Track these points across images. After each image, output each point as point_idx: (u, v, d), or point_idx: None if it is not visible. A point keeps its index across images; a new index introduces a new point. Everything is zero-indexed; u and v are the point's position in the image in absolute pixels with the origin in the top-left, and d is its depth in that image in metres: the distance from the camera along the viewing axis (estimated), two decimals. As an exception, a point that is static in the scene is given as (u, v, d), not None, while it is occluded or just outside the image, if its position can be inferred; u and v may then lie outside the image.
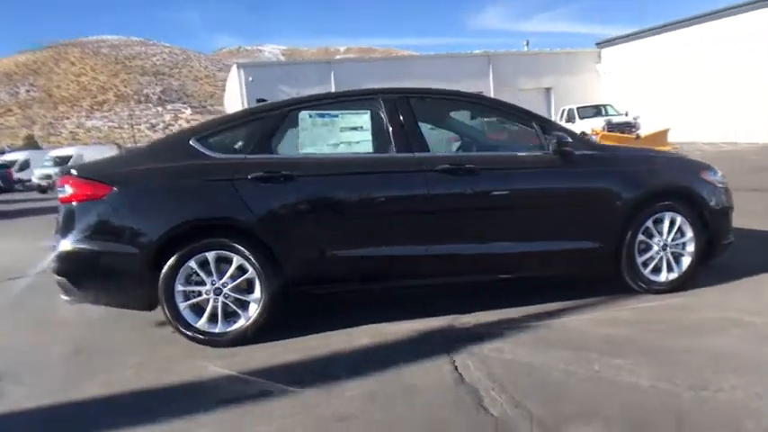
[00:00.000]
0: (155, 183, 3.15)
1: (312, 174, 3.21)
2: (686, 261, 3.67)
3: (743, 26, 19.48)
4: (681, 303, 3.47)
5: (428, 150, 3.34)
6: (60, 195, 3.24)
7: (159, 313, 3.28)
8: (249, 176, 3.12)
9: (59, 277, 3.21)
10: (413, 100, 3.44)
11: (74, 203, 3.15)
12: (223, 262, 3.12)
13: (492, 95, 25.44)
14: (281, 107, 3.39)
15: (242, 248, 3.07)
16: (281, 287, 3.15)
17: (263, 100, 3.99)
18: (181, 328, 3.11)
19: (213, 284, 3.10)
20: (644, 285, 3.60)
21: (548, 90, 26.91)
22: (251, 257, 3.08)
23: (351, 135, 3.31)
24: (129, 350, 3.26)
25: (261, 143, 3.26)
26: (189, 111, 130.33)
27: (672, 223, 3.61)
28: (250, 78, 23.08)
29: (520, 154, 3.53)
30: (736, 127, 19.37)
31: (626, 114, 19.21)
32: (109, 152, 29.26)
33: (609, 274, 3.64)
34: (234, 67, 25.25)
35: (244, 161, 3.19)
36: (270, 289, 3.11)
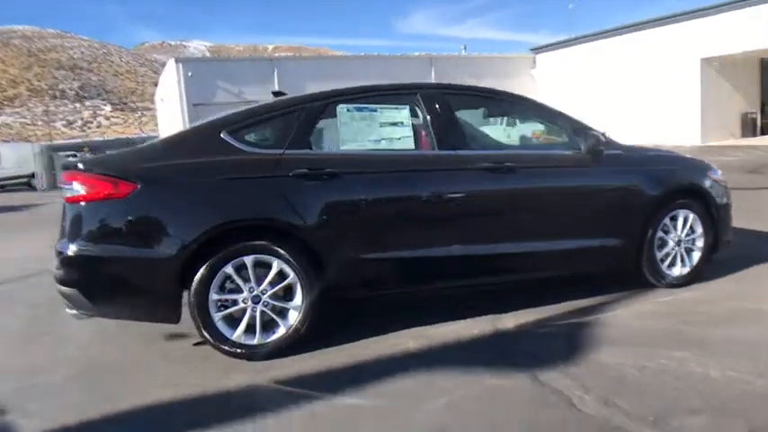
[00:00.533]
0: (186, 180, 2.84)
1: (356, 171, 3.03)
2: (696, 256, 3.83)
3: (669, 37, 20.86)
4: (700, 296, 3.60)
5: (469, 148, 3.26)
6: (67, 194, 2.86)
7: (163, 325, 2.99)
8: (291, 173, 2.89)
9: (67, 288, 2.83)
10: (450, 96, 3.34)
11: (85, 203, 2.79)
12: (260, 267, 2.88)
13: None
14: (318, 99, 3.17)
15: (283, 252, 2.85)
16: (321, 292, 2.95)
17: (281, 93, 3.73)
18: (216, 342, 2.83)
19: (251, 292, 2.85)
20: (662, 280, 3.71)
21: (487, 92, 27.62)
22: (293, 261, 2.86)
23: (391, 131, 3.16)
24: (151, 368, 2.93)
25: (298, 137, 3.03)
26: (109, 107, 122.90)
27: (685, 220, 3.75)
28: (189, 74, 21.95)
29: (554, 152, 3.53)
30: (663, 131, 20.74)
31: (564, 117, 20.01)
32: (28, 150, 26.96)
33: (629, 270, 3.72)
34: (171, 62, 23.93)
35: (283, 157, 2.95)
36: (311, 294, 2.91)
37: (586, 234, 3.50)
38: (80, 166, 2.88)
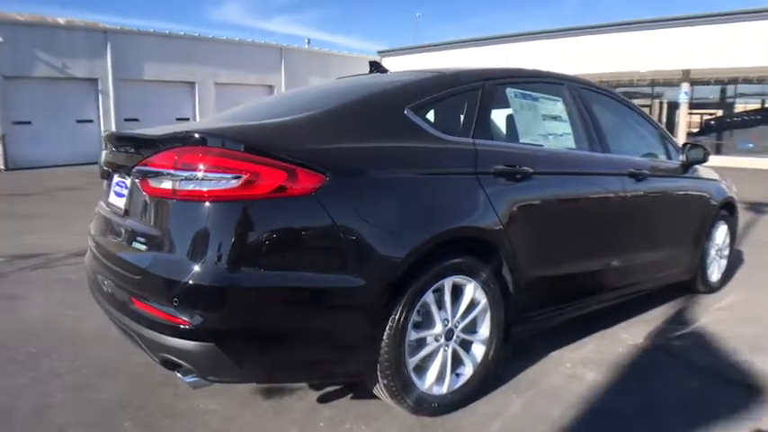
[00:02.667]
0: (382, 173, 2.02)
1: (545, 171, 2.56)
2: (724, 263, 4.20)
3: (513, 53, 23.07)
4: (739, 300, 3.94)
5: (610, 150, 3.02)
6: (183, 186, 1.77)
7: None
8: (492, 170, 2.32)
9: (194, 343, 1.77)
10: (587, 92, 3.07)
11: (224, 203, 1.76)
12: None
13: (284, 89, 25.06)
14: (491, 78, 2.58)
15: (482, 272, 2.26)
16: (506, 319, 2.43)
17: (379, 66, 2.99)
18: (403, 397, 2.13)
19: (446, 325, 2.21)
20: (706, 287, 3.98)
21: (338, 91, 27.51)
22: (491, 282, 2.30)
23: (553, 125, 2.78)
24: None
25: (481, 123, 2.43)
26: None
27: (722, 229, 4.07)
28: (0, 39, 17.58)
29: (660, 161, 3.50)
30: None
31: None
32: None
33: (689, 279, 3.85)
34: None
35: (476, 147, 2.34)
36: (497, 322, 2.38)
37: (682, 243, 3.58)
38: (214, 141, 1.79)
